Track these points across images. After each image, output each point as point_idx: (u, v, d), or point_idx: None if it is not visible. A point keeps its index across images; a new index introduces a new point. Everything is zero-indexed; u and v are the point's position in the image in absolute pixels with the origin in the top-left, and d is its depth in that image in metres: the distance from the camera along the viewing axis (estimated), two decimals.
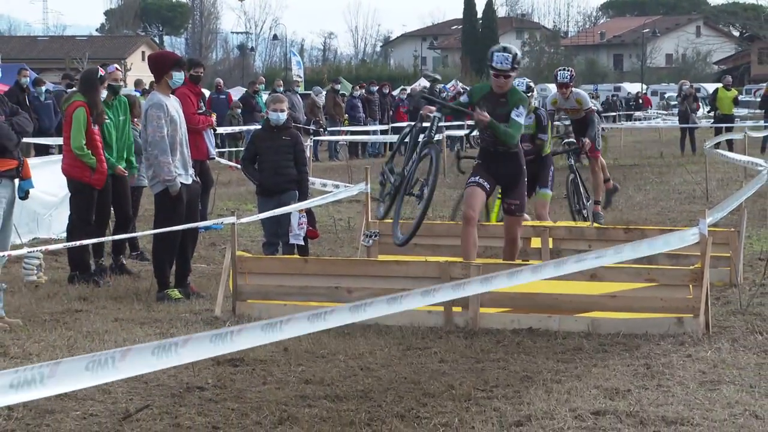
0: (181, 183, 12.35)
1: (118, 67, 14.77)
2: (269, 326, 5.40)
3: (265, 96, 35.13)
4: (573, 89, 17.67)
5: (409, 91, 46.71)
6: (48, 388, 4.51)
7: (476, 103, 11.94)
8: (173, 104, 12.45)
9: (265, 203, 13.93)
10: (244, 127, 32.63)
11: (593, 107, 17.88)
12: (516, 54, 11.85)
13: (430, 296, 6.47)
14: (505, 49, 11.93)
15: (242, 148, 27.21)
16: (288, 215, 13.73)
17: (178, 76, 12.53)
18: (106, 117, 13.89)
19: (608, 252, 8.44)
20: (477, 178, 12.05)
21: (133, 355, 4.76)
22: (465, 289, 6.92)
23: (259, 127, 15.72)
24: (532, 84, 16.62)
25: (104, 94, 13.74)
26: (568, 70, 17.82)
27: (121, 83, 14.57)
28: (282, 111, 14.13)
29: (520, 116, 11.85)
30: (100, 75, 13.69)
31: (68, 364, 4.60)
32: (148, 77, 13.50)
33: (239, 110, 36.13)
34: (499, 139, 11.90)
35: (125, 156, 14.23)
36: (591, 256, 8.26)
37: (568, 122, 18.36)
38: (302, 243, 14.07)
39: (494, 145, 12.07)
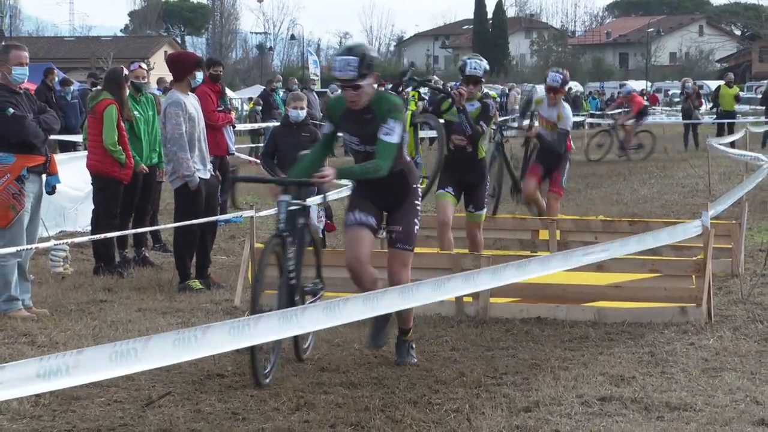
0: (199, 178, 12.36)
1: (142, 66, 14.76)
2: (286, 318, 5.39)
3: (282, 93, 35.18)
4: (563, 102, 15.04)
5: None
6: (73, 378, 4.51)
7: (338, 125, 8.91)
8: (192, 102, 12.46)
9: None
10: (264, 124, 32.63)
11: (568, 130, 14.95)
12: (364, 55, 8.48)
13: (441, 289, 6.45)
14: (349, 51, 8.61)
15: (262, 144, 27.21)
16: None
17: (198, 76, 12.58)
18: (136, 113, 13.94)
19: (614, 245, 8.43)
20: (356, 214, 8.94)
21: (154, 347, 4.75)
22: (475, 282, 6.90)
23: (278, 123, 15.71)
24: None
25: (127, 92, 13.75)
26: (560, 73, 14.97)
27: (144, 80, 14.55)
28: (302, 108, 14.21)
29: (392, 133, 8.47)
30: (125, 74, 13.75)
31: (92, 354, 4.59)
32: (170, 76, 13.50)
33: (260, 107, 36.12)
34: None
35: (158, 149, 14.27)
36: (598, 249, 8.25)
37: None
38: (321, 236, 14.14)
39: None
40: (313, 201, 13.62)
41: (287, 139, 14.09)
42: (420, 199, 9.11)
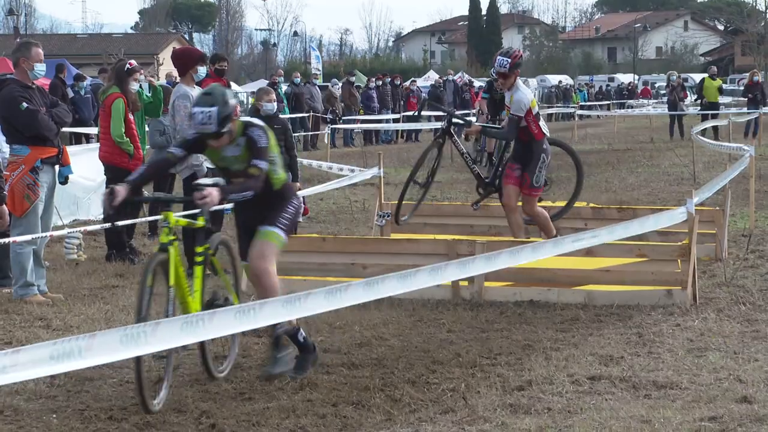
0: (207, 168, 12.32)
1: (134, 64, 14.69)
2: (289, 302, 5.37)
3: (284, 87, 35.11)
4: (519, 84, 12.48)
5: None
6: (85, 360, 4.51)
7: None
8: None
9: None
10: None
11: (520, 116, 12.25)
12: None
13: (438, 274, 6.43)
14: None
15: None
16: None
17: (201, 71, 12.55)
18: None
19: (602, 231, 8.43)
20: None
21: (162, 330, 4.75)
22: (470, 268, 6.89)
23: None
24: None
25: (136, 86, 13.71)
26: (509, 56, 12.34)
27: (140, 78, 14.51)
28: (273, 101, 14.21)
29: None
30: (128, 68, 13.71)
31: (103, 337, 4.59)
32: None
33: None
34: None
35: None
36: (587, 235, 8.25)
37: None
38: (301, 219, 14.27)
39: None
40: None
41: None
42: None
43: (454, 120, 13.34)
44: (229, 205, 8.62)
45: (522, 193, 12.54)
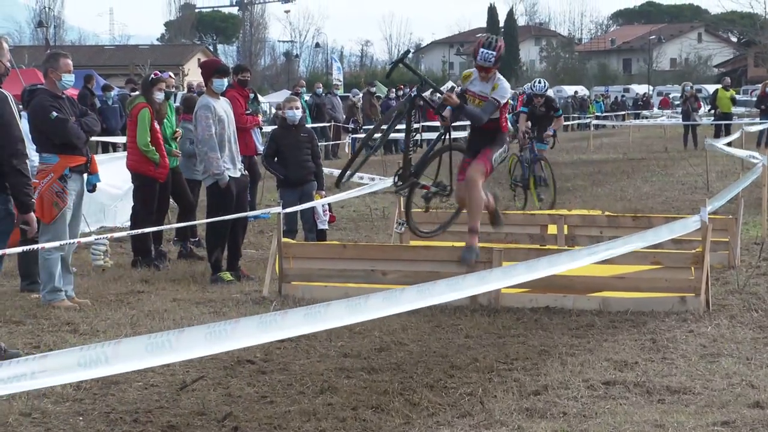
0: (229, 176, 12.33)
1: (172, 75, 14.77)
2: (311, 313, 5.36)
3: (306, 97, 35.15)
4: (500, 76, 11.74)
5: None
6: (112, 367, 4.52)
7: None
8: (222, 105, 12.42)
9: (289, 195, 13.92)
10: None
11: (500, 102, 11.52)
12: None
13: (456, 286, 6.42)
14: None
15: None
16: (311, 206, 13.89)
17: (219, 83, 12.43)
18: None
19: (618, 243, 8.41)
20: None
21: (186, 338, 4.75)
22: (487, 280, 6.88)
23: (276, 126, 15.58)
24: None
25: (161, 95, 13.73)
26: (492, 48, 11.53)
27: (173, 89, 14.57)
28: (297, 108, 14.24)
29: None
30: (152, 78, 13.78)
31: (129, 344, 4.59)
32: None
33: None
34: None
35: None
36: (603, 247, 8.23)
37: None
38: (327, 227, 14.30)
39: None
40: (319, 203, 13.77)
41: (288, 141, 14.13)
42: None
43: (424, 93, 12.31)
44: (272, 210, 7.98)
45: (477, 159, 11.58)
